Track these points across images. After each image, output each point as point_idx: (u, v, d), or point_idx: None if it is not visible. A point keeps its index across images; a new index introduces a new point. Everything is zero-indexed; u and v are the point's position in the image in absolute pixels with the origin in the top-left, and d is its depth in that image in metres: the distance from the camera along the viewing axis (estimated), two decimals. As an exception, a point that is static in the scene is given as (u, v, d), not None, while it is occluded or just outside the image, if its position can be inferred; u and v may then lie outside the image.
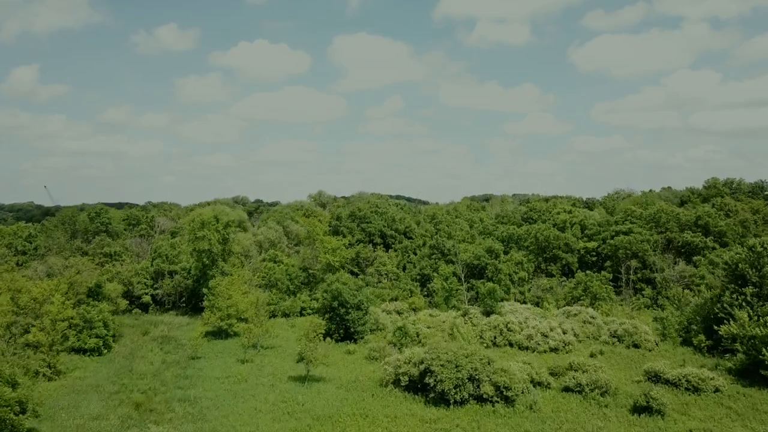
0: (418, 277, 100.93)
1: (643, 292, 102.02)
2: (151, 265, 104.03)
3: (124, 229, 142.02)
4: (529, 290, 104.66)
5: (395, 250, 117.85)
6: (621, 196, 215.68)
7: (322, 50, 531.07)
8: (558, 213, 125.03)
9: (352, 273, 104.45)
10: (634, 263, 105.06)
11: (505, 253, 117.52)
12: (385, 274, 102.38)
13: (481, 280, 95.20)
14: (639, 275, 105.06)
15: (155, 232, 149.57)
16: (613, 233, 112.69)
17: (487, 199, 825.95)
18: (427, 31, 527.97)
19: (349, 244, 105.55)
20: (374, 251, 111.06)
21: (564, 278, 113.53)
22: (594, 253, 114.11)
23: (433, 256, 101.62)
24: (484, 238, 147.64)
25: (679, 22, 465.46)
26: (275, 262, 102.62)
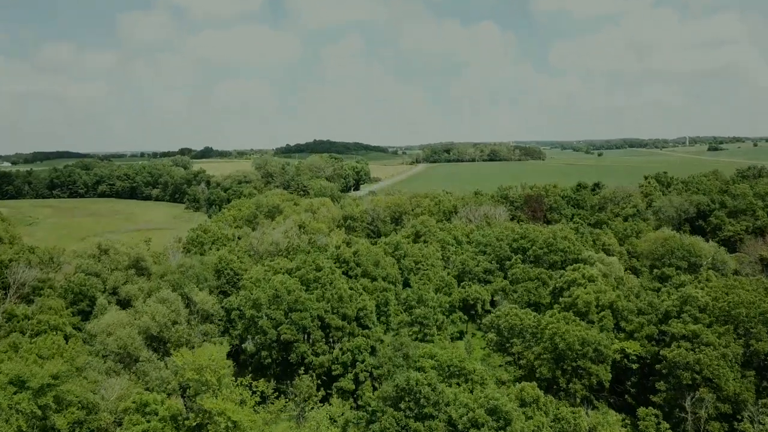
0: (378, 442, 62.84)
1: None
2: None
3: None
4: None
5: (343, 352, 79.25)
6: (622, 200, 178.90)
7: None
8: (576, 283, 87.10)
9: None
10: (704, 392, 69.30)
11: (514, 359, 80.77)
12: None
13: (482, 465, 57.84)
14: (711, 411, 69.51)
15: (11, 291, 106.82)
16: (661, 332, 76.57)
17: (448, 149, 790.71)
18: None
19: (261, 397, 65.39)
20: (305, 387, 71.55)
21: (592, 397, 77.65)
22: (635, 358, 77.93)
23: (402, 405, 63.29)
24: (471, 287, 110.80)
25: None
26: (145, 413, 62.60)
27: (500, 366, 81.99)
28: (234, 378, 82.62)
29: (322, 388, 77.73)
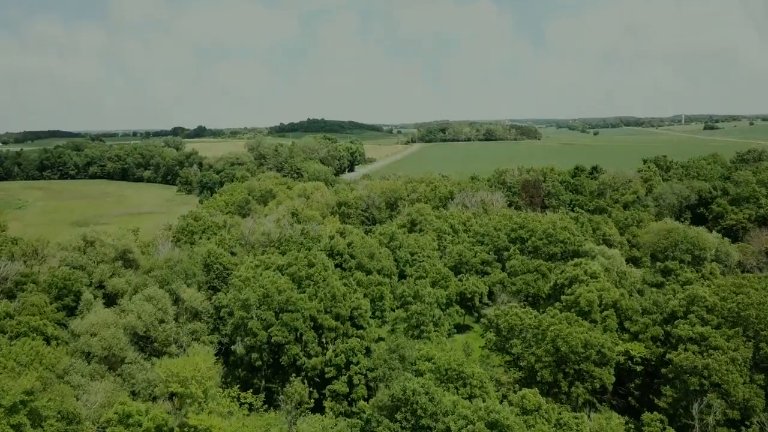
0: (372, 456, 60.19)
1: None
2: None
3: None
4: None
5: (336, 354, 76.25)
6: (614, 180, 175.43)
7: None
8: (578, 280, 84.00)
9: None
10: (712, 398, 66.72)
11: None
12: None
13: (483, 481, 55.18)
14: (719, 417, 67.01)
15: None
16: (667, 333, 73.84)
17: (443, 128, 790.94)
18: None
19: (249, 409, 62.32)
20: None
21: (594, 400, 75.03)
22: (639, 360, 75.24)
23: (398, 416, 60.45)
24: (466, 277, 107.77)
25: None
26: (128, 425, 59.65)
27: (499, 366, 79.16)
28: (223, 379, 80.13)
29: (314, 392, 75.10)
